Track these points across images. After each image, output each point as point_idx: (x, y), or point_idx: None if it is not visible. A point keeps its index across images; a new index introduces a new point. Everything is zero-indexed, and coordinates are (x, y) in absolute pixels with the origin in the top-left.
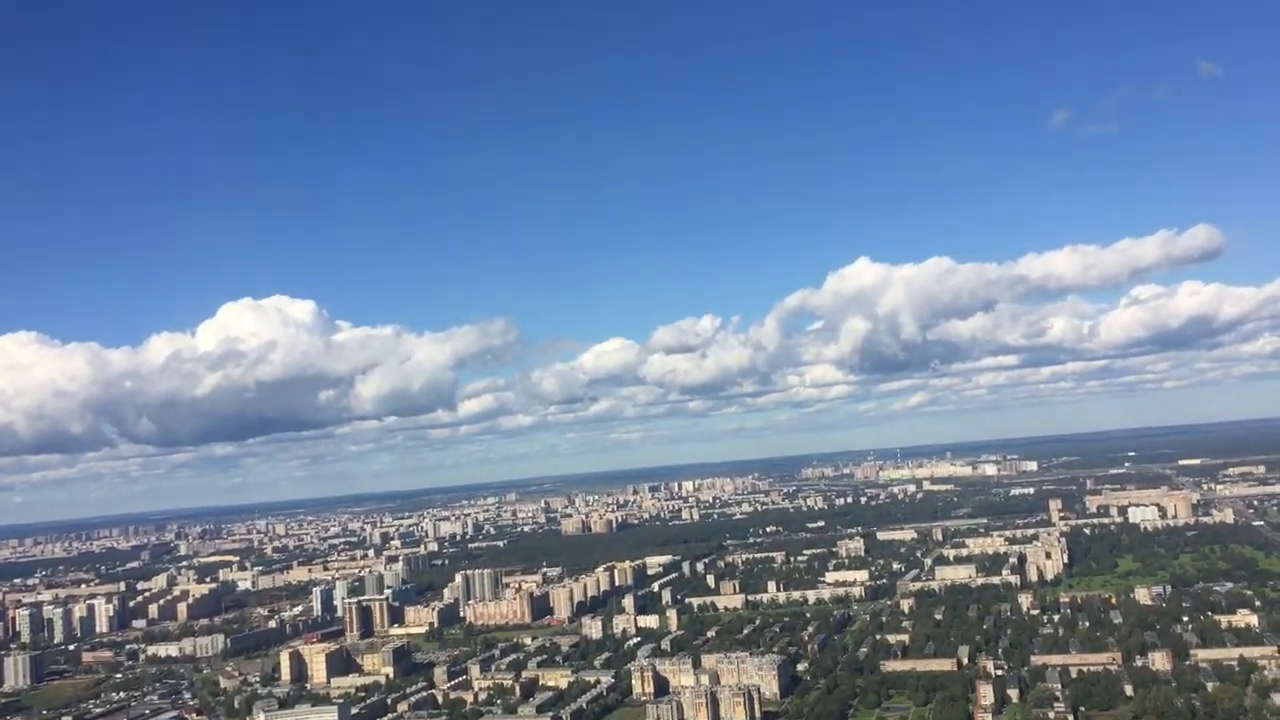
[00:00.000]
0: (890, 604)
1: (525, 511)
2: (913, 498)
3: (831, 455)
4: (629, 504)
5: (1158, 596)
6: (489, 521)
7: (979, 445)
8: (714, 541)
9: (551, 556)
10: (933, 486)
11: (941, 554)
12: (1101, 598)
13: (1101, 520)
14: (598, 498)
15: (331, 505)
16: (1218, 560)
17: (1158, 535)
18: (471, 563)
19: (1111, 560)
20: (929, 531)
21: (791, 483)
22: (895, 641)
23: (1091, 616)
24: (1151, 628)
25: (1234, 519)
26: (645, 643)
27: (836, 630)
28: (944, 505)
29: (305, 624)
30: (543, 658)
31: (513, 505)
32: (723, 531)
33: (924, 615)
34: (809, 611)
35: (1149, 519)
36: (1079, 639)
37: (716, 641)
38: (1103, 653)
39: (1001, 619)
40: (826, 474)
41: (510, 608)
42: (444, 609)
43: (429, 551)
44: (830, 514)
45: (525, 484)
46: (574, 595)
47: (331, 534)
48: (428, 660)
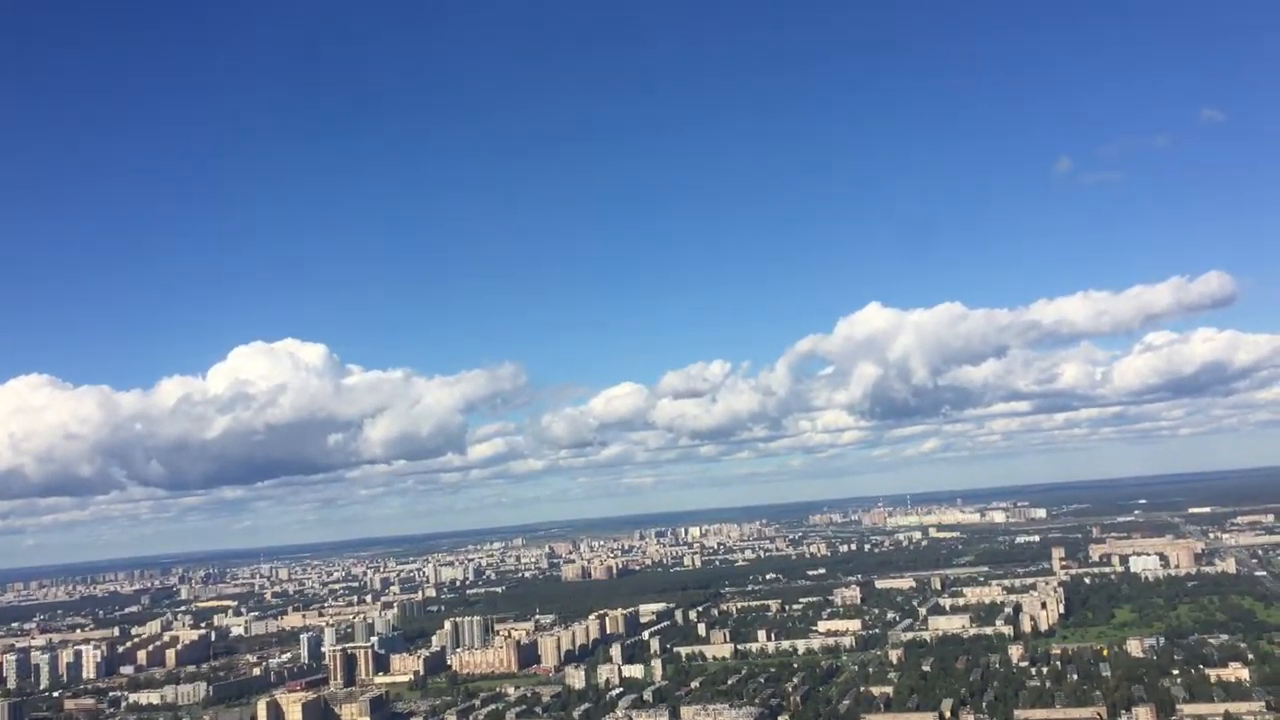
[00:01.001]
0: (879, 654)
1: (529, 557)
2: (918, 545)
3: (843, 501)
4: (633, 550)
5: (1150, 649)
6: (491, 567)
7: (992, 492)
8: (712, 589)
9: (548, 603)
10: (939, 534)
11: (938, 603)
12: (1093, 649)
13: (1103, 569)
14: (603, 543)
15: (340, 549)
16: (1216, 611)
17: (1158, 585)
18: (468, 609)
19: (1108, 611)
20: (928, 580)
21: (799, 529)
22: (879, 694)
23: (1081, 669)
24: (1140, 681)
25: (1236, 569)
26: (628, 693)
27: (823, 681)
28: (948, 553)
29: (291, 671)
30: (522, 708)
31: (518, 550)
32: (723, 578)
33: (911, 666)
34: (797, 661)
35: (1150, 568)
36: (1065, 692)
37: (699, 692)
38: (1088, 707)
39: (990, 671)
40: (835, 520)
41: (497, 656)
42: (430, 657)
43: (425, 597)
44: (833, 561)
45: (535, 528)
46: (561, 644)
47: (334, 579)
48: (407, 710)
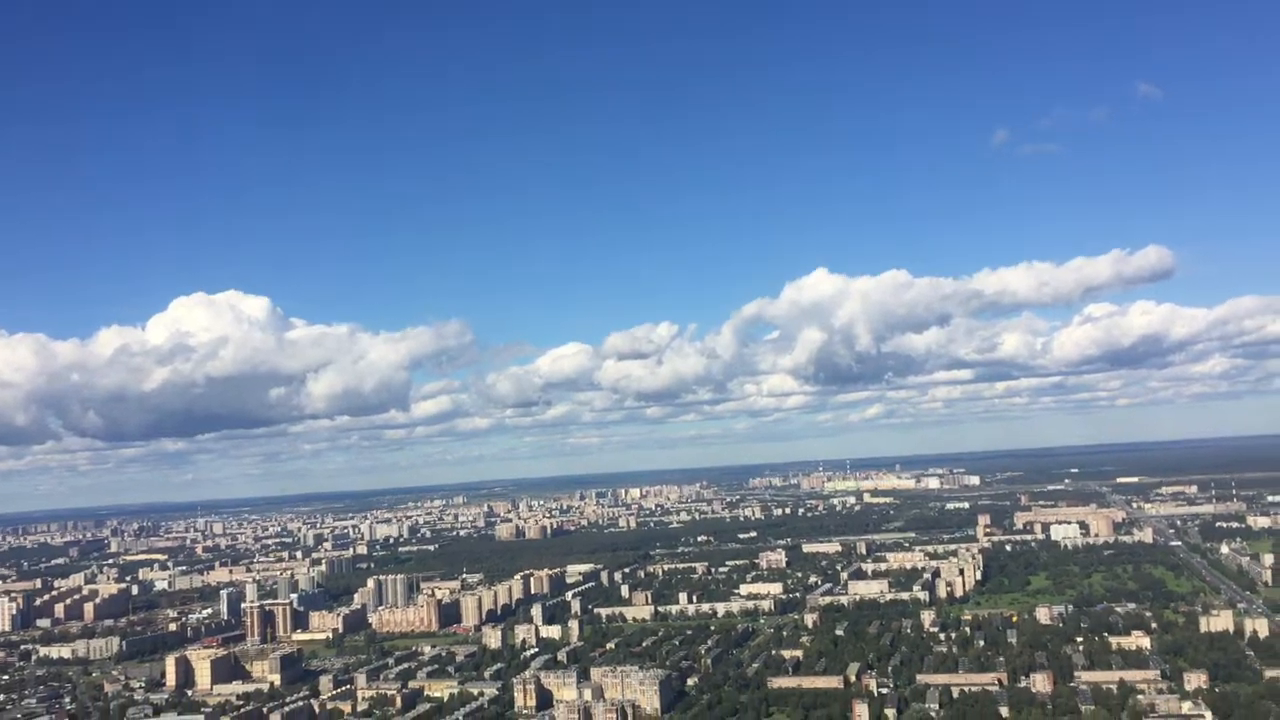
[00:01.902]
0: (796, 618)
1: (467, 515)
2: (851, 510)
3: (786, 465)
4: (571, 510)
5: (1058, 616)
6: (428, 525)
7: (933, 458)
8: (642, 550)
9: (480, 562)
10: (873, 499)
11: (860, 568)
12: (1003, 616)
13: (1025, 537)
14: (542, 503)
15: (282, 504)
16: (1128, 580)
17: (1076, 554)
18: (398, 567)
19: (1024, 578)
20: (854, 545)
21: (737, 492)
22: (789, 657)
23: (989, 635)
24: (1044, 648)
25: (1153, 539)
26: (543, 654)
27: (737, 644)
28: (879, 518)
29: (209, 628)
30: (434, 668)
31: (457, 508)
32: (655, 540)
33: (825, 631)
34: (715, 624)
35: (1070, 537)
36: (970, 658)
37: (613, 653)
38: (989, 673)
39: (900, 636)
40: (774, 484)
41: (418, 615)
42: (350, 615)
43: (356, 555)
44: (765, 524)
45: (479, 487)
46: (483, 603)
47: (269, 534)
48: (320, 668)
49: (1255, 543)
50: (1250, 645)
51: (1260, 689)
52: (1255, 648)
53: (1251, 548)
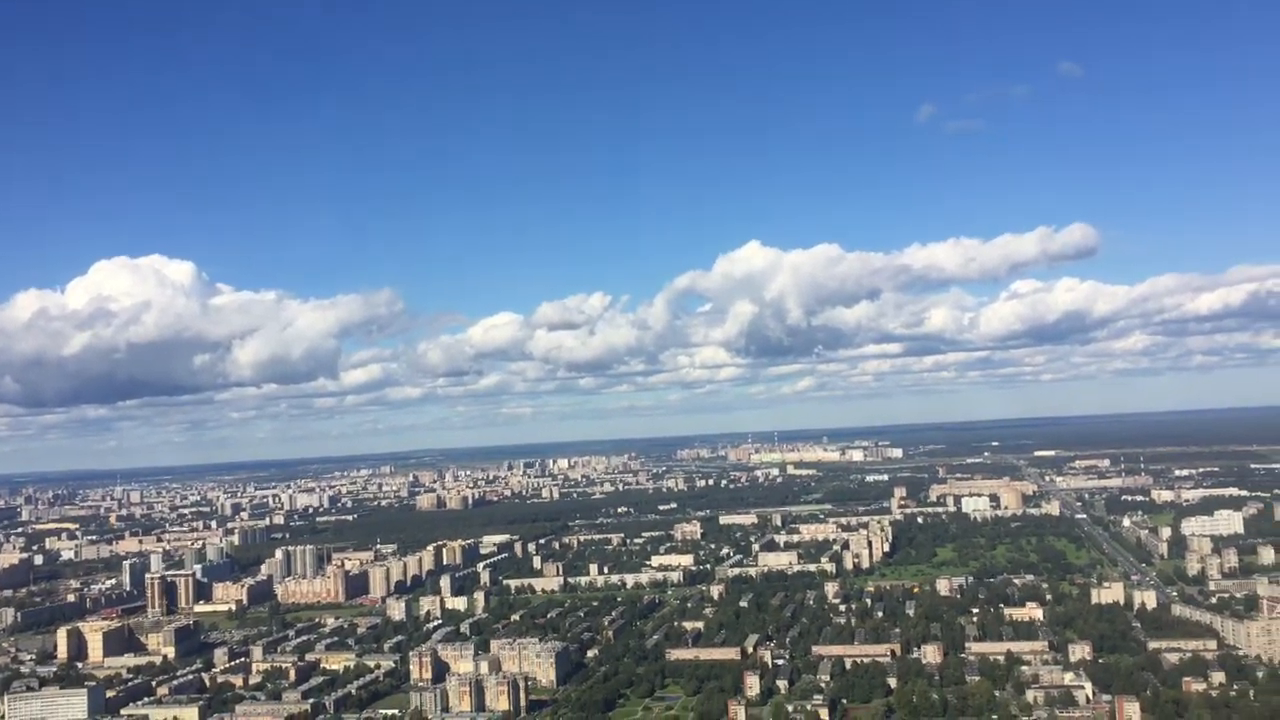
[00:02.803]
0: (702, 590)
1: (392, 485)
2: (773, 481)
3: (717, 436)
4: (497, 480)
5: (957, 588)
6: (351, 495)
7: (862, 430)
8: (561, 521)
9: (397, 532)
10: (796, 471)
11: (772, 539)
12: (904, 587)
13: (937, 509)
14: (469, 473)
15: (208, 473)
16: (1030, 552)
17: (984, 526)
18: (314, 537)
19: (931, 550)
20: (770, 516)
21: (664, 464)
22: (691, 629)
23: (888, 607)
24: (939, 619)
25: (1060, 512)
26: (447, 625)
27: (642, 616)
28: (800, 490)
29: (110, 599)
30: (334, 640)
31: (383, 478)
32: (576, 511)
33: (729, 603)
34: (623, 595)
35: (980, 509)
36: (867, 630)
37: (516, 626)
38: (883, 644)
39: (803, 607)
40: (702, 455)
41: (324, 586)
42: (255, 586)
43: (272, 524)
44: (687, 496)
45: (410, 456)
46: (392, 575)
47: (187, 503)
48: (219, 640)
49: (1157, 516)
50: (1138, 617)
51: (1141, 660)
52: (1142, 619)
53: (1153, 520)
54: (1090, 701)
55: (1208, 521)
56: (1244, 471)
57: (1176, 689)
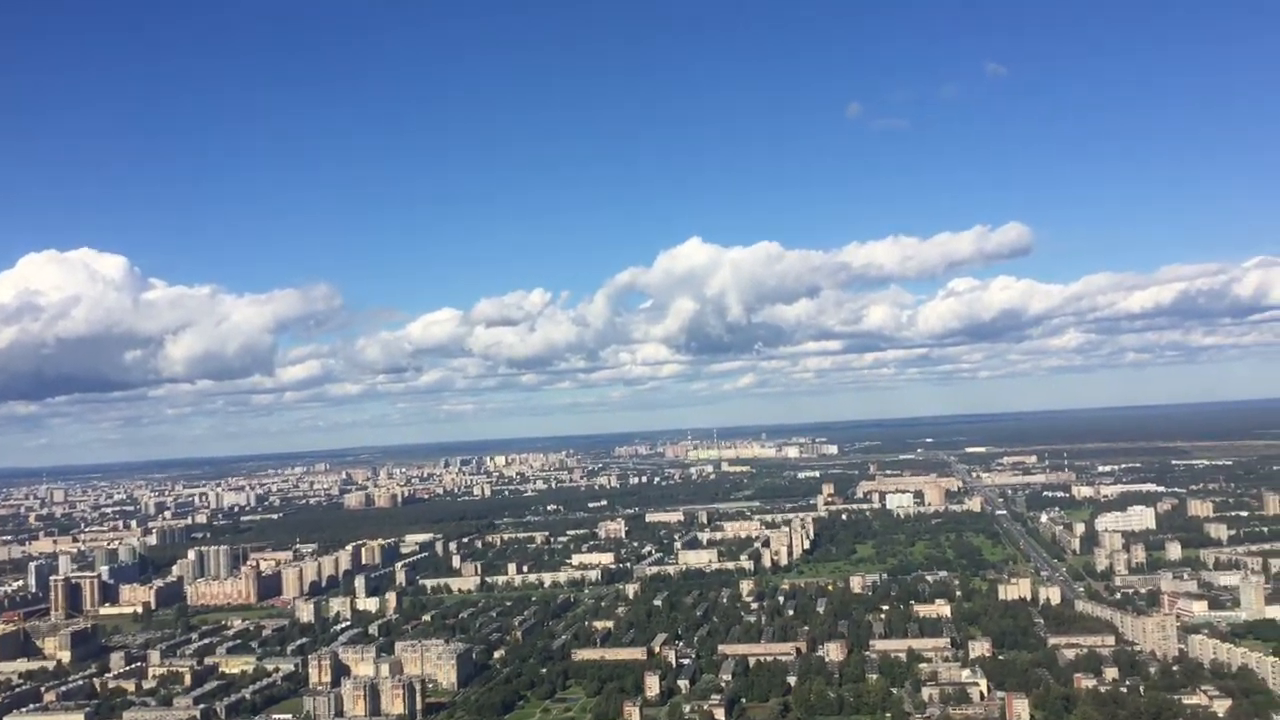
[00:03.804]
0: (619, 589)
1: (323, 483)
2: (706, 478)
3: (658, 433)
4: (431, 478)
5: (870, 585)
6: (281, 493)
7: (804, 427)
8: (489, 519)
9: (320, 532)
10: (731, 468)
11: (695, 537)
12: (819, 585)
13: (862, 506)
14: (404, 470)
15: (140, 470)
16: (948, 548)
17: (906, 523)
18: (236, 536)
19: (851, 547)
20: (696, 514)
21: (601, 460)
22: (601, 628)
23: (800, 604)
24: (848, 617)
25: (981, 508)
26: (356, 627)
27: (555, 615)
28: (731, 487)
29: (14, 601)
30: (237, 643)
31: (315, 476)
32: (505, 509)
33: (643, 601)
34: (539, 595)
35: (904, 506)
36: (775, 628)
37: (426, 627)
38: (789, 642)
39: (716, 606)
40: (640, 452)
41: (236, 588)
42: (165, 588)
43: (194, 524)
44: (619, 493)
45: (349, 453)
46: (306, 575)
47: (111, 502)
48: (121, 644)
49: (1074, 512)
50: (1042, 613)
51: (1039, 656)
52: (1046, 616)
53: (1070, 516)
54: (984, 698)
55: (1121, 517)
56: (1165, 468)
57: (1069, 685)
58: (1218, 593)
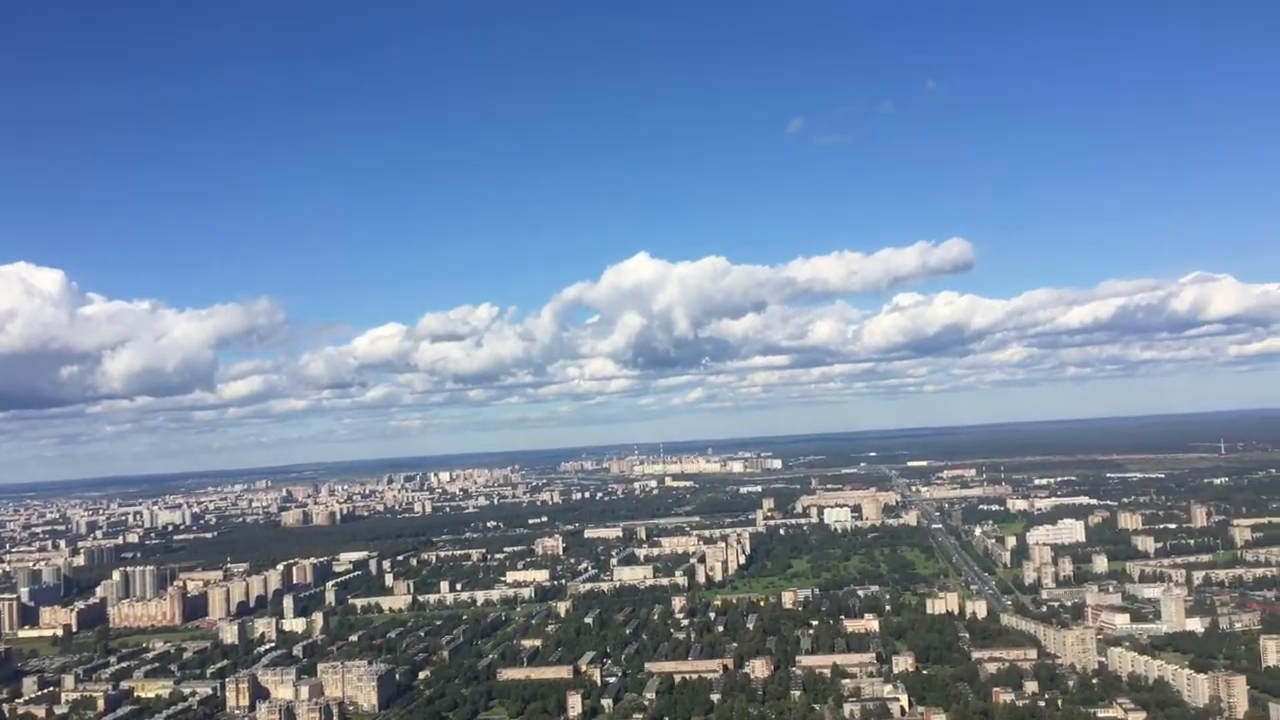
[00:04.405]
0: (549, 606)
1: (262, 501)
2: (649, 493)
3: (606, 448)
4: (373, 494)
5: (802, 600)
6: (218, 511)
7: (751, 441)
8: (427, 536)
9: (254, 550)
10: (674, 483)
11: (632, 553)
12: (750, 600)
13: (800, 520)
14: (346, 487)
15: (81, 488)
16: (882, 563)
17: (843, 537)
18: (167, 556)
19: (786, 561)
20: (635, 529)
21: (547, 476)
22: (529, 647)
23: (730, 621)
24: (777, 633)
25: (917, 522)
26: (281, 648)
27: (484, 634)
28: (673, 502)
29: None
30: (156, 666)
31: (255, 493)
32: (444, 526)
33: (574, 619)
34: (470, 614)
35: (841, 520)
36: (704, 645)
37: (352, 647)
38: (716, 659)
39: (647, 623)
40: (586, 467)
41: (160, 609)
42: (87, 609)
43: (125, 543)
44: (561, 509)
45: (291, 470)
46: (233, 596)
47: (43, 521)
48: (37, 668)
49: (1008, 525)
50: (968, 627)
51: (961, 670)
52: (971, 629)
53: (1003, 530)
54: (905, 713)
55: (1052, 530)
56: (1099, 481)
57: (988, 700)
58: (1141, 605)
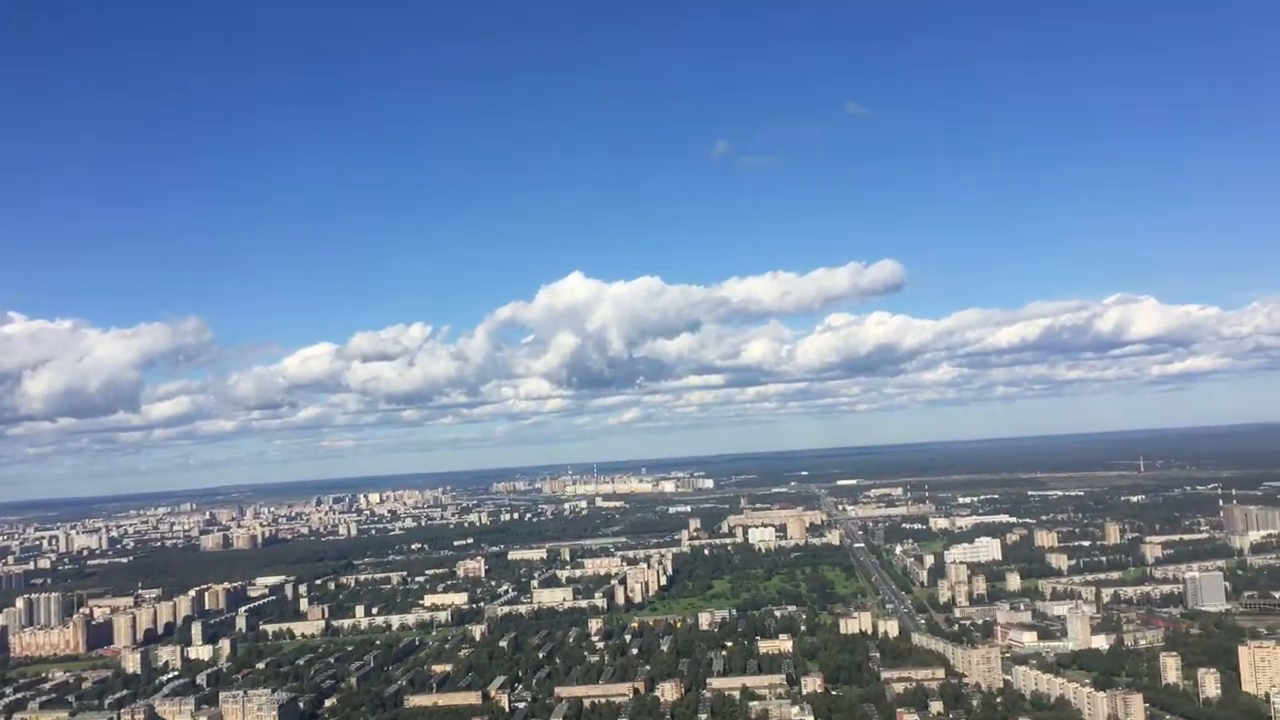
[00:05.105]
0: (465, 630)
1: (184, 524)
2: (579, 514)
3: (542, 468)
4: (299, 517)
5: (719, 621)
6: (138, 535)
7: (687, 461)
8: (349, 559)
9: (171, 575)
10: (604, 503)
11: (554, 575)
12: (668, 622)
13: (726, 540)
14: (272, 509)
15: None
16: (802, 582)
17: (766, 556)
18: (80, 582)
19: (707, 582)
20: (559, 551)
21: (479, 496)
22: (440, 672)
23: (645, 643)
24: (691, 654)
25: (840, 541)
26: (185, 677)
27: (397, 660)
28: (602, 522)
29: None
30: (52, 697)
31: (179, 516)
32: (368, 548)
33: (490, 643)
34: (384, 639)
35: (766, 540)
36: (617, 668)
37: (258, 675)
38: (626, 682)
39: (561, 646)
40: (518, 488)
41: (64, 637)
42: None
43: (36, 569)
44: (488, 530)
45: (221, 492)
46: (140, 623)
47: None
48: None
49: (929, 544)
50: (879, 646)
51: (869, 691)
52: (883, 649)
53: (924, 548)
54: None
55: (969, 549)
56: (1020, 499)
57: None
58: (1050, 623)
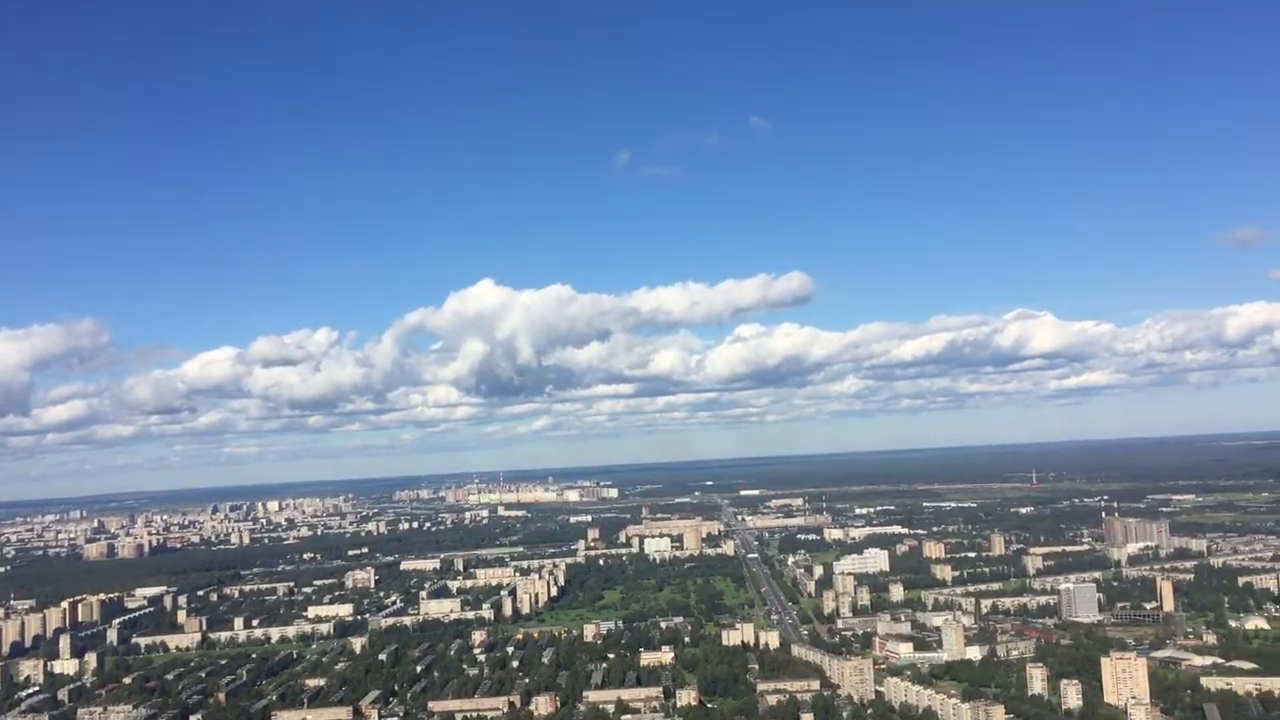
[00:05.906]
0: (345, 643)
1: (70, 532)
2: (479, 523)
3: (449, 476)
4: (192, 525)
5: (604, 632)
6: (21, 542)
7: (596, 470)
8: (236, 569)
9: (48, 586)
10: (506, 512)
11: (444, 585)
12: (551, 634)
13: (621, 551)
14: (166, 517)
15: None
16: (693, 593)
17: (660, 567)
18: None
19: (599, 593)
20: (453, 561)
21: (381, 505)
22: (312, 686)
23: (527, 655)
24: (571, 667)
25: (735, 551)
26: (49, 691)
27: (271, 673)
28: (501, 531)
29: None
30: None
31: (67, 524)
32: (259, 558)
33: (369, 656)
34: (261, 652)
35: (661, 550)
36: (494, 681)
37: (122, 690)
38: (503, 696)
39: (441, 659)
40: (422, 496)
41: None
42: None
43: None
44: (385, 540)
45: (116, 499)
46: (5, 635)
47: None
48: None
49: (822, 554)
50: (760, 658)
51: (742, 703)
52: (762, 661)
53: (816, 559)
54: None
55: (858, 560)
56: (915, 510)
57: None
58: (928, 634)
